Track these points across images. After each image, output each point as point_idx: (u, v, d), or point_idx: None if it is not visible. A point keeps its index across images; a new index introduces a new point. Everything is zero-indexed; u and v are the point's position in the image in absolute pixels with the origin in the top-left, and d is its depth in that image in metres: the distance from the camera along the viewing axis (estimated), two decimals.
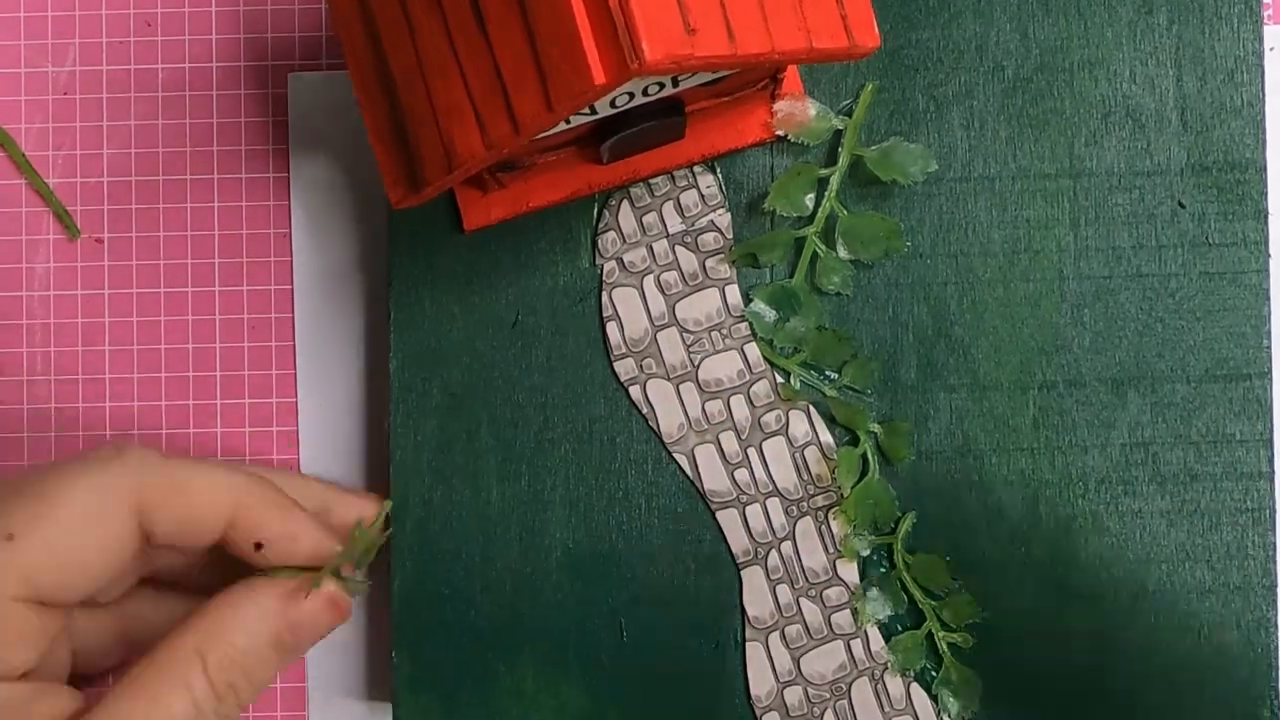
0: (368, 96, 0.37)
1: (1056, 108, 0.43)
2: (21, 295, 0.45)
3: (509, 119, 0.33)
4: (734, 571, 0.42)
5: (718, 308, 0.43)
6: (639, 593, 0.42)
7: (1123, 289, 0.43)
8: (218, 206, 0.45)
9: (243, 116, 0.45)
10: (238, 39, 0.45)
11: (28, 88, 0.45)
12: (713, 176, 0.43)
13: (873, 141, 0.43)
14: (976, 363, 0.43)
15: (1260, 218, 0.43)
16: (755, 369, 0.43)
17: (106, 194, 0.45)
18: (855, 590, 0.42)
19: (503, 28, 0.33)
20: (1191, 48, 0.43)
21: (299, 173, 0.45)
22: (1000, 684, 0.42)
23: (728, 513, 0.42)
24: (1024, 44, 0.43)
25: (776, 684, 0.42)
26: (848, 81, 0.43)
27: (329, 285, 0.45)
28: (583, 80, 0.31)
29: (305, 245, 0.45)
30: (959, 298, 0.43)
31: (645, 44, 0.31)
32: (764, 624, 0.42)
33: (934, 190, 0.43)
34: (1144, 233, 0.43)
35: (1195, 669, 0.41)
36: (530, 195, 0.42)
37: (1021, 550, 0.42)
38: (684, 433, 0.43)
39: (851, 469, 0.42)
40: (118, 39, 0.45)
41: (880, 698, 0.42)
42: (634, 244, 0.43)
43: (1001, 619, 0.42)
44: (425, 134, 0.35)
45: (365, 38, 0.37)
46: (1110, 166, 0.43)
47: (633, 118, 0.37)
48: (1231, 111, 0.43)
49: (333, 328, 0.45)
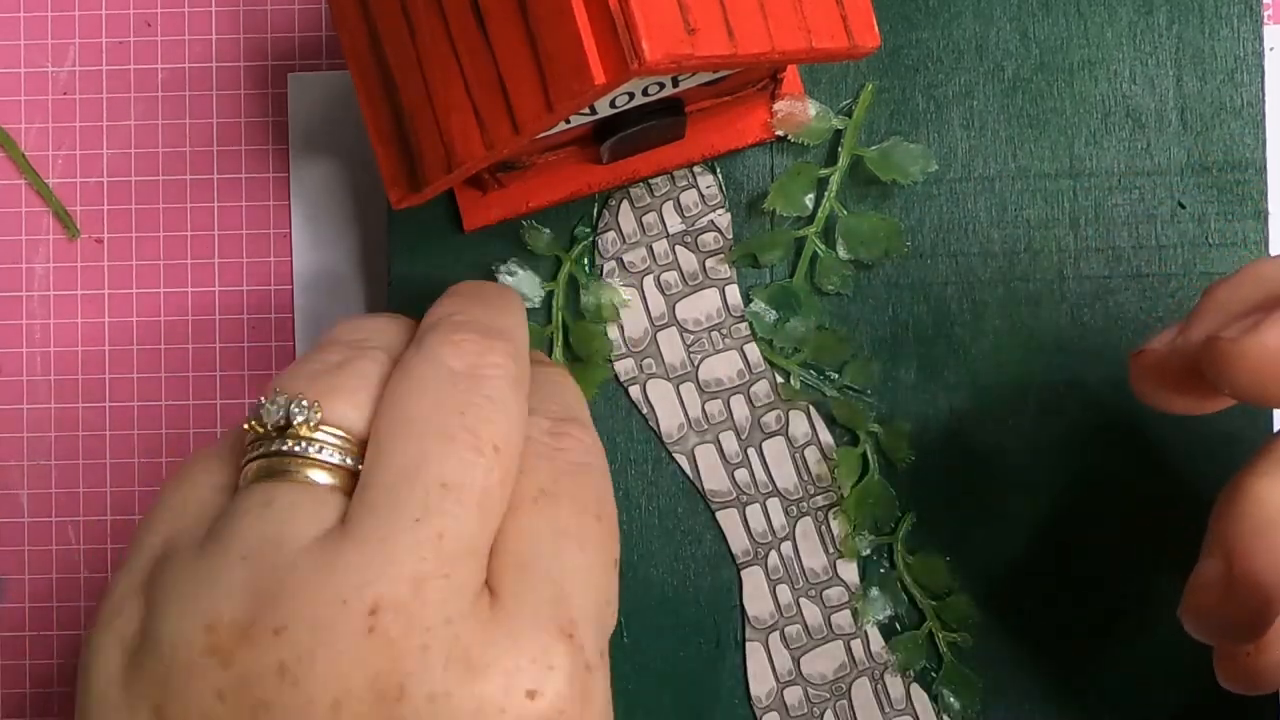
0: (368, 96, 0.37)
1: (1056, 108, 0.43)
2: (21, 295, 0.45)
3: (509, 119, 0.33)
4: (734, 571, 0.42)
5: (718, 308, 0.43)
6: (639, 592, 0.42)
7: (1123, 289, 0.43)
8: (218, 206, 0.45)
9: (243, 116, 0.45)
10: (238, 39, 0.45)
11: (28, 88, 0.45)
12: (713, 176, 0.43)
13: (873, 141, 0.43)
14: (976, 363, 0.43)
15: (1260, 218, 0.43)
16: (755, 369, 0.43)
17: (106, 194, 0.45)
18: (855, 590, 0.42)
19: (503, 28, 0.33)
20: (1191, 48, 0.43)
21: (299, 173, 0.45)
22: (1000, 684, 0.42)
23: (728, 513, 0.42)
24: (1024, 44, 0.43)
25: (776, 684, 0.42)
26: (848, 81, 0.43)
27: (329, 285, 0.45)
28: (583, 80, 0.31)
29: (305, 245, 0.45)
30: (959, 298, 0.43)
31: (645, 44, 0.31)
32: (764, 624, 0.42)
33: (934, 190, 0.43)
34: (1144, 233, 0.43)
35: (1197, 668, 0.41)
36: (530, 195, 0.42)
37: (1021, 550, 0.42)
38: (684, 433, 0.43)
39: (851, 469, 0.42)
40: (118, 39, 0.45)
41: (880, 698, 0.42)
42: (634, 244, 0.43)
43: (1001, 619, 0.42)
44: (425, 134, 0.35)
45: (365, 38, 0.37)
46: (1110, 166, 0.43)
47: (633, 118, 0.37)
48: (1231, 111, 0.43)
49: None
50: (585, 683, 0.31)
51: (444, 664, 0.29)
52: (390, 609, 0.29)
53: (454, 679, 0.29)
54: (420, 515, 0.30)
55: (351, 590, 0.29)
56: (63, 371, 0.45)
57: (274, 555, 0.30)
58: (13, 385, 0.45)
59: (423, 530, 0.30)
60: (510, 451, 0.32)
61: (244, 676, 0.29)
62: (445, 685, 0.29)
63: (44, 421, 0.45)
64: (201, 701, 0.29)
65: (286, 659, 0.29)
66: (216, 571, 0.30)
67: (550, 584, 0.31)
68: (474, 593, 0.30)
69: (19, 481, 0.45)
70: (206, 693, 0.29)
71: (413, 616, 0.29)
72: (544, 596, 0.31)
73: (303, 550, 0.30)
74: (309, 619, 0.29)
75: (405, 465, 0.31)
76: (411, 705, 0.29)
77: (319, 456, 0.31)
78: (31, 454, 0.45)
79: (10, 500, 0.45)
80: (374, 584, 0.29)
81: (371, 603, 0.29)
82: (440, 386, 0.32)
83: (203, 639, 0.30)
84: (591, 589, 0.32)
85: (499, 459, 0.31)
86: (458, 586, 0.30)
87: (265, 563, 0.30)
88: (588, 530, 0.32)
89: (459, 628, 0.30)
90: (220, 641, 0.29)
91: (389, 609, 0.29)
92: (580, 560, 0.32)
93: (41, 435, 0.45)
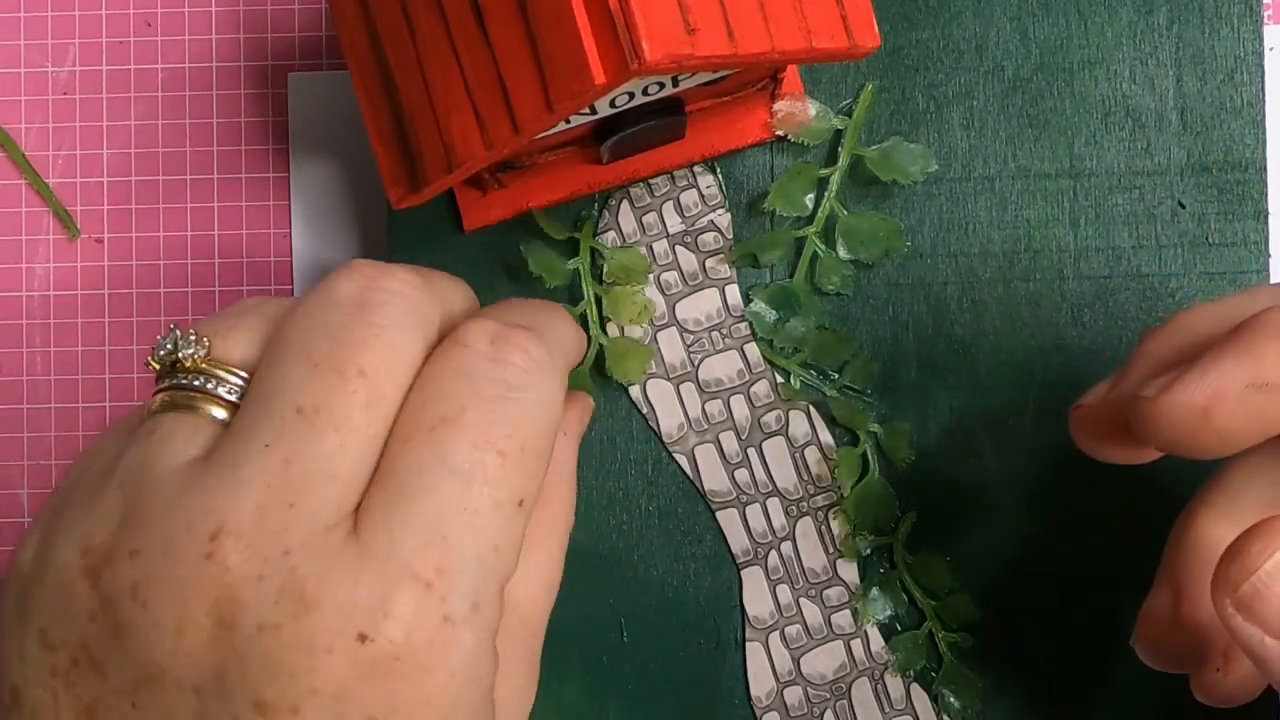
0: (368, 96, 0.37)
1: (1056, 108, 0.43)
2: (21, 295, 0.45)
3: (509, 119, 0.33)
4: (734, 571, 0.42)
5: (718, 308, 0.43)
6: (639, 592, 0.42)
7: (1123, 289, 0.43)
8: (218, 206, 0.45)
9: (243, 116, 0.45)
10: (238, 39, 0.45)
11: (28, 88, 0.45)
12: (713, 176, 0.43)
13: (873, 141, 0.43)
14: (976, 363, 0.43)
15: (1260, 218, 0.43)
16: (755, 369, 0.43)
17: (106, 194, 0.45)
18: (855, 590, 0.42)
19: (503, 27, 0.33)
20: (1191, 48, 0.43)
21: (299, 173, 0.45)
22: (1000, 684, 0.42)
23: (728, 513, 0.42)
24: (1024, 44, 0.43)
25: (776, 684, 0.42)
26: (848, 81, 0.43)
27: None
28: (583, 80, 0.31)
29: (305, 245, 0.45)
30: (959, 298, 0.43)
31: (645, 44, 0.31)
32: (764, 624, 0.42)
33: (934, 190, 0.43)
34: (1144, 233, 0.43)
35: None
36: (530, 195, 0.42)
37: (1021, 550, 0.42)
38: (684, 433, 0.43)
39: (851, 469, 0.42)
40: (118, 39, 0.45)
41: (880, 698, 0.42)
42: (634, 244, 0.43)
43: (1001, 619, 0.42)
44: (425, 134, 0.35)
45: (365, 38, 0.37)
46: (1110, 166, 0.43)
47: (633, 118, 0.37)
48: (1231, 111, 0.43)
49: None
50: (438, 634, 0.29)
51: (277, 596, 0.29)
52: (231, 535, 0.29)
53: (285, 612, 0.29)
54: (271, 440, 0.30)
55: (198, 515, 0.29)
56: (63, 371, 0.45)
57: (143, 480, 0.30)
58: (13, 385, 0.45)
59: (271, 456, 0.29)
60: (382, 377, 0.30)
61: (107, 597, 0.30)
62: (276, 617, 0.29)
63: (44, 421, 0.45)
64: (77, 623, 0.30)
65: (139, 580, 0.29)
66: (97, 498, 0.31)
67: (421, 524, 0.30)
68: (326, 524, 0.29)
69: (19, 481, 0.45)
70: (81, 614, 0.30)
71: (251, 545, 0.29)
72: (406, 537, 0.29)
73: (167, 474, 0.30)
74: (160, 542, 0.29)
75: (265, 391, 0.30)
76: (243, 634, 0.29)
77: (211, 389, 0.31)
78: (31, 454, 0.45)
79: (10, 500, 0.45)
80: (219, 510, 0.29)
81: (214, 528, 0.29)
82: (320, 313, 0.31)
83: (78, 561, 0.30)
84: (473, 533, 0.30)
85: (364, 383, 0.30)
86: (304, 516, 0.29)
87: (134, 488, 0.30)
88: (482, 467, 0.30)
89: (297, 558, 0.29)
90: (92, 564, 0.30)
91: (229, 535, 0.29)
92: (466, 502, 0.30)
93: (41, 435, 0.45)
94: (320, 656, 0.29)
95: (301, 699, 0.29)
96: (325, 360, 0.30)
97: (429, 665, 0.29)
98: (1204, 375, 0.31)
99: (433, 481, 0.30)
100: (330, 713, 0.29)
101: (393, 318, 0.31)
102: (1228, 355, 0.31)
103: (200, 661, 0.29)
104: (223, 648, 0.29)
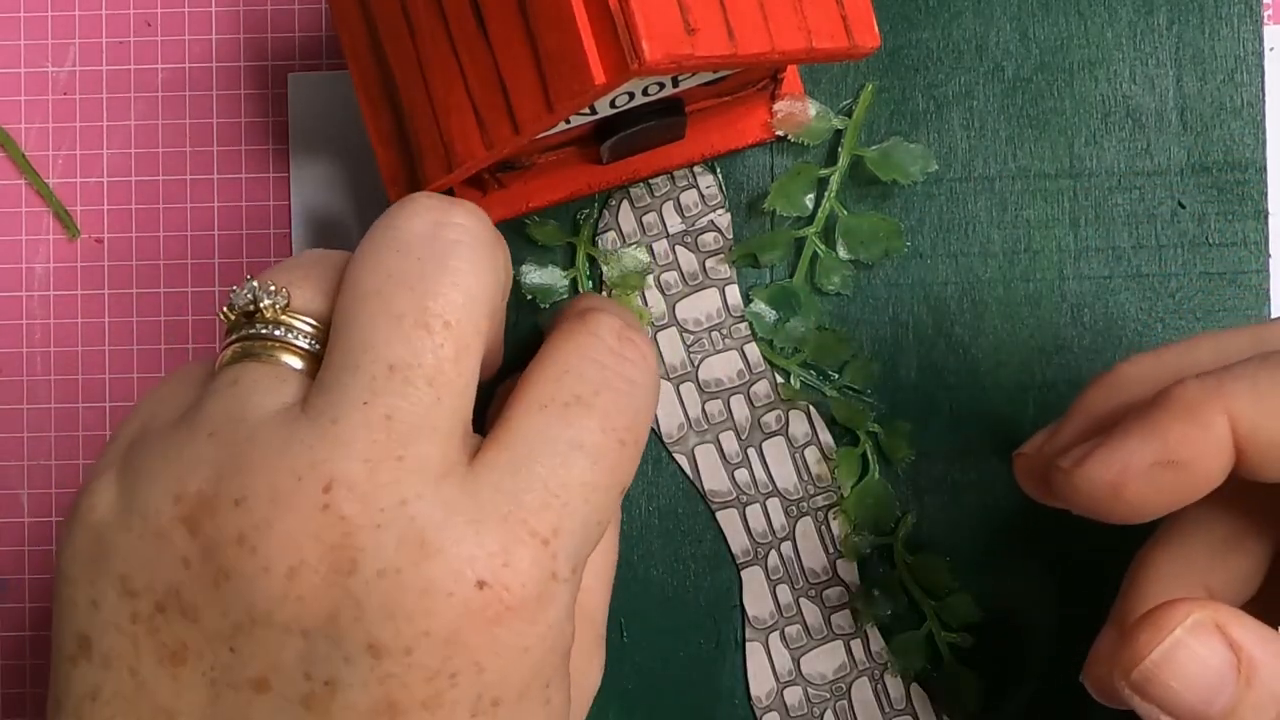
0: (368, 96, 0.37)
1: (1056, 108, 0.43)
2: (21, 295, 0.45)
3: (509, 119, 0.33)
4: (734, 571, 0.42)
5: (718, 308, 0.43)
6: (639, 593, 0.42)
7: (1123, 289, 0.43)
8: (218, 206, 0.45)
9: (243, 116, 0.45)
10: (238, 39, 0.45)
11: (28, 88, 0.45)
12: (713, 176, 0.43)
13: (873, 141, 0.43)
14: (976, 363, 0.43)
15: (1260, 218, 0.43)
16: (755, 369, 0.43)
17: (106, 194, 0.45)
18: (855, 590, 0.42)
19: (503, 28, 0.33)
20: (1191, 48, 0.43)
21: (299, 173, 0.45)
22: (1000, 684, 0.42)
23: (728, 513, 0.42)
24: (1024, 44, 0.43)
25: (776, 684, 0.42)
26: (848, 81, 0.43)
27: None
28: (583, 80, 0.31)
29: (305, 245, 0.45)
30: (959, 298, 0.43)
31: (645, 44, 0.31)
32: (764, 624, 0.42)
33: (934, 190, 0.43)
34: (1144, 233, 0.43)
35: None
36: (530, 195, 0.42)
37: (1021, 550, 0.42)
38: (684, 433, 0.43)
39: (851, 469, 0.42)
40: (118, 39, 0.45)
41: (880, 698, 0.42)
42: (634, 244, 0.43)
43: (1001, 619, 0.42)
44: (425, 134, 0.35)
45: (365, 38, 0.37)
46: (1110, 166, 0.43)
47: (633, 118, 0.37)
48: (1231, 111, 0.43)
49: None
50: (547, 589, 0.31)
51: (396, 543, 0.30)
52: (344, 486, 0.30)
53: (405, 557, 0.30)
54: (368, 398, 0.30)
55: (306, 467, 0.30)
56: (63, 371, 0.45)
57: (236, 430, 0.31)
58: (13, 385, 0.45)
59: (371, 412, 0.30)
60: (466, 327, 0.31)
61: (207, 544, 0.30)
62: (396, 562, 0.30)
63: (44, 421, 0.45)
64: (168, 569, 0.30)
65: (245, 528, 0.30)
66: (184, 446, 0.31)
67: (542, 489, 0.31)
68: (437, 474, 0.30)
69: (19, 481, 0.45)
70: (174, 560, 0.30)
71: (366, 496, 0.30)
72: (529, 499, 0.31)
73: (262, 424, 0.31)
74: (266, 491, 0.30)
75: (352, 346, 0.31)
76: (362, 579, 0.29)
77: (289, 339, 0.32)
78: (31, 454, 0.45)
79: (10, 500, 0.45)
80: (327, 462, 0.30)
81: (326, 480, 0.30)
82: (394, 260, 0.32)
83: (171, 509, 0.31)
84: (587, 507, 0.31)
85: (450, 334, 0.31)
86: (415, 467, 0.30)
87: (228, 437, 0.31)
88: (607, 451, 0.32)
89: (415, 508, 0.30)
90: (187, 511, 0.30)
91: (342, 486, 0.30)
92: (587, 477, 0.32)
93: (41, 435, 0.45)
94: (439, 599, 0.30)
95: (416, 641, 0.29)
96: (409, 314, 0.31)
97: (534, 617, 0.30)
98: (1112, 453, 0.32)
99: (562, 453, 0.31)
100: (439, 655, 0.30)
101: (469, 260, 0.32)
102: (1134, 434, 0.32)
103: (310, 606, 0.30)
104: (337, 592, 0.30)
